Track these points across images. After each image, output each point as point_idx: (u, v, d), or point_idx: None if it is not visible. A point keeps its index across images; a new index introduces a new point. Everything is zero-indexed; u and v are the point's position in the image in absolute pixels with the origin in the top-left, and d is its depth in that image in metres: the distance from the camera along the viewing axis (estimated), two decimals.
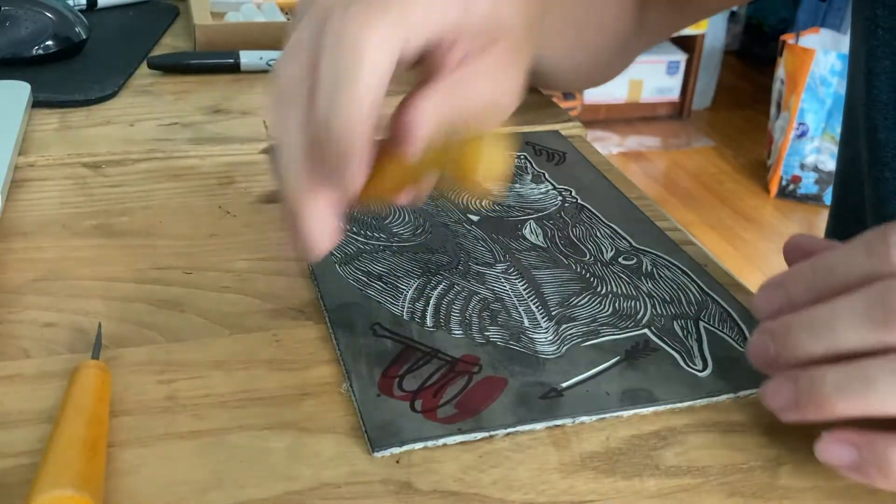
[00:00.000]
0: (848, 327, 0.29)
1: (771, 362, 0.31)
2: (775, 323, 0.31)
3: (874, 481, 0.29)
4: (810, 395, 0.29)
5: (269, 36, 0.68)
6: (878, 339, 0.28)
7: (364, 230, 0.43)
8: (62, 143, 0.51)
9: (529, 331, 0.37)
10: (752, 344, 0.32)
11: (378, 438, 0.30)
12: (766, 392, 0.31)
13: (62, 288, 0.38)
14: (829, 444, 0.29)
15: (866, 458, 0.28)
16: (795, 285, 0.32)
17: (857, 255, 0.30)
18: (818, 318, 0.30)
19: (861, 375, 0.28)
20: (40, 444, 0.29)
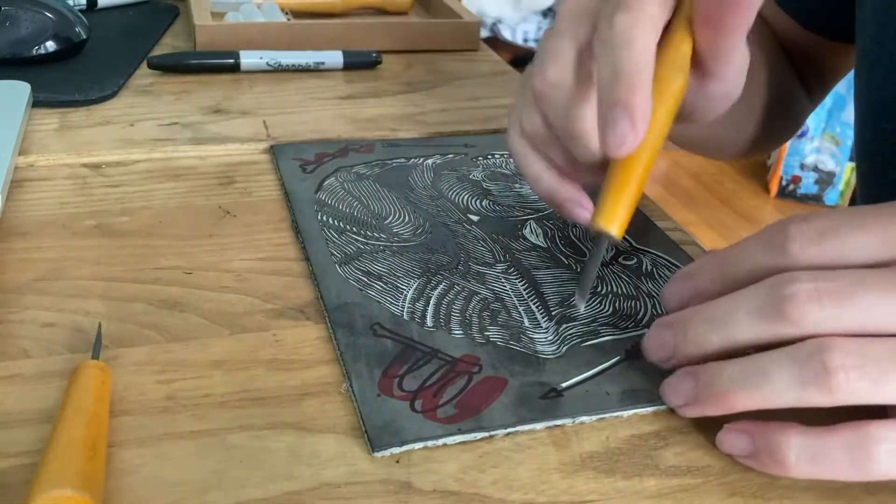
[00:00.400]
0: (743, 321, 0.29)
1: (669, 357, 0.32)
2: (673, 317, 0.32)
3: (768, 468, 0.29)
4: (710, 389, 0.30)
5: (269, 36, 0.68)
6: (772, 331, 0.29)
7: (364, 230, 0.43)
8: (62, 143, 0.51)
9: (529, 331, 0.37)
10: (650, 337, 0.33)
11: (378, 438, 0.30)
12: (667, 388, 0.32)
13: (62, 288, 0.38)
14: (727, 434, 0.30)
15: (759, 446, 0.29)
16: (703, 278, 0.33)
17: (758, 246, 0.31)
18: (716, 312, 0.30)
19: (756, 369, 0.29)
20: (40, 444, 0.29)
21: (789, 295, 0.28)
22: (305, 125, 0.56)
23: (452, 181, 0.49)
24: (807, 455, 0.28)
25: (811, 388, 0.28)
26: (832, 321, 0.28)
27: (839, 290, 0.28)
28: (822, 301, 0.28)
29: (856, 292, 0.28)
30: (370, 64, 0.67)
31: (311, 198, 0.46)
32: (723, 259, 0.32)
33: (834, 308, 0.28)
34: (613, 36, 0.34)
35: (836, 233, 0.29)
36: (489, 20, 2.45)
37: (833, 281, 0.28)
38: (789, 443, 0.28)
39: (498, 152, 0.53)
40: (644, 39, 0.33)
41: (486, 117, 0.59)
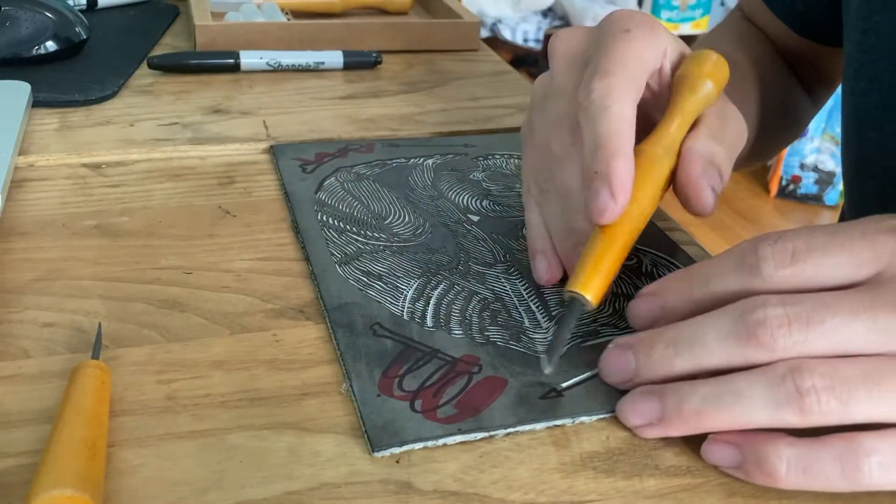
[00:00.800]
0: (712, 345, 0.29)
1: (629, 379, 0.32)
2: (635, 338, 0.32)
3: (755, 479, 0.29)
4: (679, 409, 0.30)
5: (269, 36, 0.68)
6: (742, 355, 0.29)
7: (364, 230, 0.43)
8: (62, 143, 0.51)
9: (530, 331, 0.37)
10: (609, 359, 0.33)
11: (378, 438, 0.30)
12: (626, 407, 0.31)
13: (62, 288, 0.38)
14: (713, 445, 0.30)
15: (748, 457, 0.29)
16: (672, 296, 0.32)
17: (730, 266, 0.31)
18: (683, 335, 0.30)
19: (730, 389, 0.29)
20: (40, 444, 0.29)
21: (760, 320, 0.28)
22: (305, 125, 0.56)
23: (452, 181, 0.49)
24: (797, 466, 0.28)
25: (785, 409, 0.28)
26: (802, 345, 0.28)
27: (808, 314, 0.28)
28: (791, 326, 0.28)
29: (824, 316, 0.28)
30: (370, 64, 0.67)
31: (311, 198, 0.46)
32: (693, 277, 0.32)
33: (802, 332, 0.28)
34: (590, 103, 0.34)
35: (809, 255, 0.29)
36: (489, 20, 2.45)
37: (801, 305, 0.28)
38: (779, 454, 0.28)
39: (498, 152, 0.53)
40: (620, 106, 0.34)
41: (486, 117, 0.59)
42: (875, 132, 0.49)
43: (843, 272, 0.29)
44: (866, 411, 0.27)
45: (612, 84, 0.34)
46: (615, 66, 0.35)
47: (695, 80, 0.38)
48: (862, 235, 0.29)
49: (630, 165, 0.33)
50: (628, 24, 0.37)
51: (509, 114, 0.60)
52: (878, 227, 0.30)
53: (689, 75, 0.38)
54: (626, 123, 0.34)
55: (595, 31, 0.38)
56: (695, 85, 0.38)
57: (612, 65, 0.35)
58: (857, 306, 0.28)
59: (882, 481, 0.27)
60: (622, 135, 0.33)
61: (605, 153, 0.33)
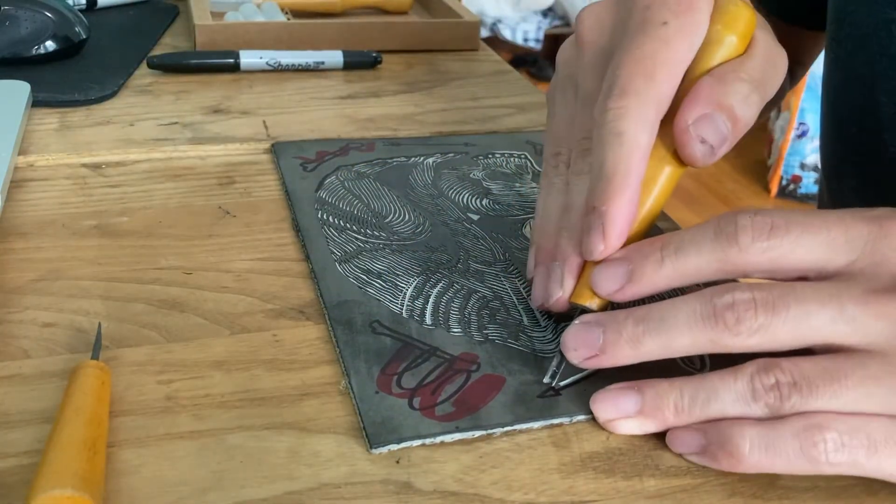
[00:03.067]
0: (683, 326, 0.30)
1: (593, 354, 0.31)
2: (604, 315, 0.32)
3: (721, 464, 0.30)
4: (657, 405, 0.31)
5: (269, 36, 0.68)
6: (709, 337, 0.29)
7: (364, 228, 0.43)
8: (62, 143, 0.51)
9: (528, 329, 0.37)
10: (573, 335, 0.32)
11: (376, 435, 0.30)
12: (605, 402, 0.31)
13: (62, 288, 0.38)
14: (677, 433, 0.30)
15: (711, 439, 0.29)
16: (640, 260, 0.32)
17: (705, 234, 0.31)
18: (653, 314, 0.30)
19: (704, 387, 0.30)
20: (40, 444, 0.29)
21: (728, 303, 0.29)
22: (305, 125, 0.56)
23: (453, 180, 0.49)
24: (759, 444, 0.29)
25: (752, 405, 0.29)
26: (766, 329, 0.29)
27: (774, 300, 0.29)
28: (757, 310, 0.29)
29: (789, 303, 0.28)
30: (370, 64, 0.67)
31: (311, 196, 0.46)
32: (665, 243, 0.31)
33: (768, 317, 0.29)
34: (604, 124, 0.32)
35: (787, 231, 0.29)
36: (489, 20, 2.45)
37: (769, 291, 0.29)
38: (742, 433, 0.29)
39: (498, 151, 0.53)
40: (634, 132, 0.32)
41: (486, 117, 0.59)
42: (854, 125, 0.48)
43: (817, 255, 0.29)
44: (828, 404, 0.28)
45: (630, 107, 0.32)
46: (638, 82, 0.32)
47: (714, 39, 0.34)
48: (839, 221, 0.29)
49: (632, 205, 0.32)
50: (665, 14, 0.33)
51: (509, 114, 0.60)
52: (854, 215, 0.30)
53: (710, 39, 0.34)
54: (638, 153, 0.32)
55: (626, 16, 0.35)
56: (714, 44, 0.34)
57: (635, 79, 0.32)
58: (825, 296, 0.28)
59: (837, 460, 0.28)
60: (630, 169, 0.32)
61: (609, 189, 0.32)
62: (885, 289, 0.28)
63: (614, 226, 0.32)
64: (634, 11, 0.34)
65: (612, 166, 0.32)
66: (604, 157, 0.32)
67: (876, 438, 0.28)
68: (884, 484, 0.30)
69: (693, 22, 0.33)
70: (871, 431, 0.28)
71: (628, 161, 0.32)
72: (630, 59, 0.33)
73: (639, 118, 0.32)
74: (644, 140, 0.32)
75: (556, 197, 0.36)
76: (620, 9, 0.36)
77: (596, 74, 0.36)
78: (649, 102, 0.32)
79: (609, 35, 0.36)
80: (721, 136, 0.33)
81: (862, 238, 0.29)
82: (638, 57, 0.33)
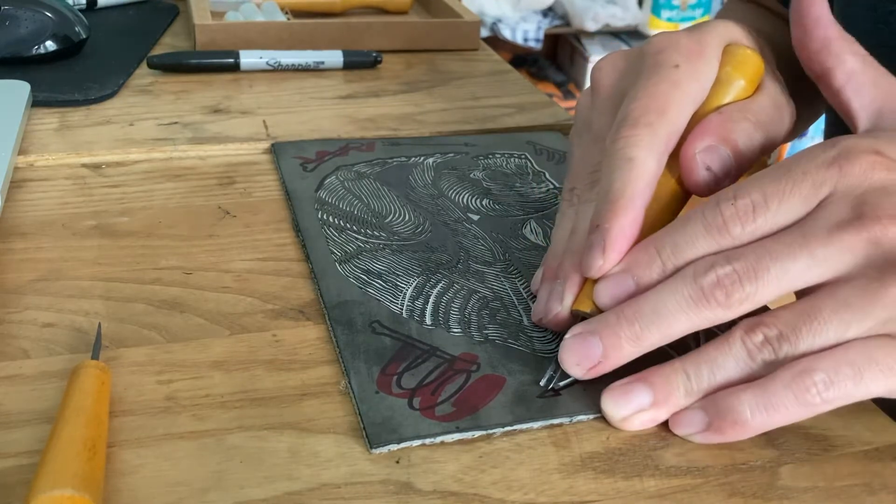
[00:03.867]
0: (676, 314, 0.31)
1: (594, 365, 0.32)
2: (594, 323, 0.32)
3: (727, 434, 0.31)
4: (668, 393, 0.31)
5: (269, 36, 0.68)
6: (703, 316, 0.31)
7: (364, 228, 0.43)
8: (62, 143, 0.51)
9: (528, 329, 0.37)
10: (573, 346, 0.32)
11: (376, 435, 0.30)
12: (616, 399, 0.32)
13: (62, 288, 0.38)
14: (679, 415, 0.31)
15: (714, 414, 0.31)
16: (643, 270, 0.32)
17: (697, 231, 0.32)
18: (644, 308, 0.31)
19: (704, 360, 0.31)
20: (40, 444, 0.29)
21: (713, 281, 0.30)
22: (305, 125, 0.56)
23: (453, 180, 0.49)
24: (758, 406, 0.30)
25: (752, 365, 0.31)
26: (755, 296, 0.30)
27: (753, 266, 0.30)
28: (742, 281, 0.30)
29: (768, 264, 0.30)
30: (370, 63, 0.67)
31: (311, 196, 0.46)
32: (660, 248, 0.32)
33: (753, 284, 0.30)
34: (613, 153, 0.34)
35: (767, 206, 0.31)
36: (489, 19, 2.45)
37: (745, 258, 0.30)
38: (740, 399, 0.30)
39: (498, 151, 0.53)
40: (644, 159, 0.33)
41: (486, 117, 0.59)
42: None
43: (795, 213, 0.31)
44: (814, 343, 0.30)
45: (642, 136, 0.33)
46: (651, 115, 0.34)
47: (723, 80, 0.36)
48: (804, 175, 0.31)
49: (634, 226, 0.33)
50: (676, 58, 0.35)
51: (509, 113, 0.60)
52: (816, 162, 0.31)
53: (719, 79, 0.36)
54: (645, 178, 0.33)
55: (638, 61, 0.37)
56: (723, 85, 0.36)
57: (648, 113, 0.34)
58: (795, 246, 0.30)
59: (830, 397, 0.29)
60: (637, 192, 0.33)
61: (614, 209, 0.33)
62: (845, 221, 0.30)
63: (615, 243, 0.33)
64: (647, 56, 0.36)
65: (619, 188, 0.33)
66: (612, 179, 0.33)
67: (859, 364, 0.29)
68: (883, 483, 0.30)
69: (703, 66, 0.35)
70: (853, 359, 0.29)
71: (635, 184, 0.33)
72: (643, 95, 0.35)
73: (649, 146, 0.33)
74: (652, 167, 0.33)
75: (565, 225, 0.38)
76: (634, 55, 0.38)
77: (608, 114, 0.38)
78: (660, 134, 0.34)
79: (622, 78, 0.38)
80: (725, 167, 0.35)
81: (826, 184, 0.31)
82: (651, 94, 0.34)
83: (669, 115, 0.34)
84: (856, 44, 0.35)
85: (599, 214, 0.33)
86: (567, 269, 0.35)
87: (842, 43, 0.35)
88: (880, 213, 0.30)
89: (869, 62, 0.35)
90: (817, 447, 0.32)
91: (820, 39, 0.35)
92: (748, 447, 0.31)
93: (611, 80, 0.38)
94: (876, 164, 0.30)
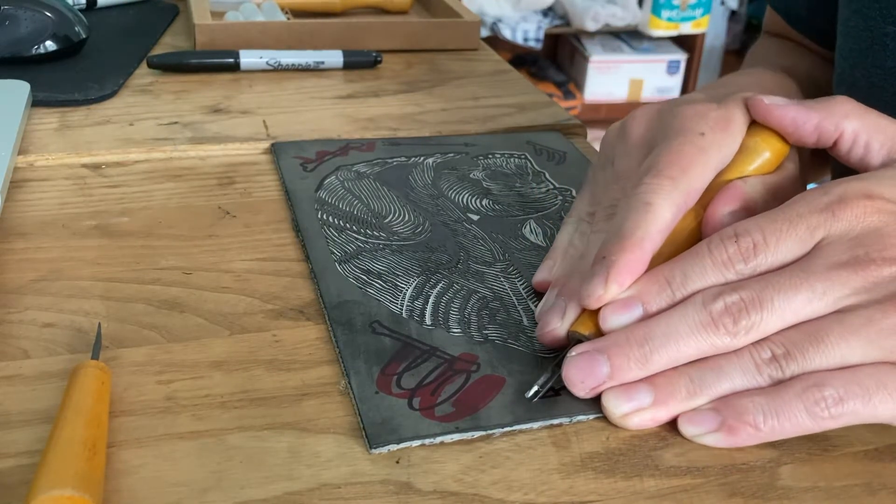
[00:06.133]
0: (686, 338, 0.32)
1: (600, 384, 0.32)
2: (605, 342, 0.33)
3: (739, 437, 0.31)
4: (672, 396, 0.32)
5: (269, 35, 0.68)
6: (710, 342, 0.32)
7: (364, 228, 0.43)
8: (62, 143, 0.51)
9: (528, 329, 0.37)
10: (580, 364, 0.32)
11: (376, 436, 0.30)
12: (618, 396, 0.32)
13: (62, 288, 0.38)
14: (690, 415, 0.32)
15: (728, 416, 0.31)
16: (653, 299, 0.33)
17: (705, 266, 0.33)
18: (654, 332, 0.32)
19: (711, 367, 0.32)
20: (40, 444, 0.29)
21: (721, 309, 0.31)
22: (305, 125, 0.56)
23: (452, 180, 0.49)
24: (770, 412, 0.30)
25: (759, 378, 0.31)
26: (759, 325, 0.31)
27: (758, 296, 0.31)
28: (748, 310, 0.31)
29: (772, 295, 0.31)
30: (370, 63, 0.67)
31: (311, 196, 0.46)
32: (671, 280, 0.33)
33: (758, 313, 0.31)
34: (634, 196, 0.35)
35: (766, 244, 0.32)
36: (489, 19, 2.45)
37: (751, 289, 0.32)
38: (754, 403, 0.31)
39: (498, 151, 0.53)
40: (661, 207, 0.34)
41: (486, 116, 0.59)
42: None
43: (793, 252, 0.32)
44: (821, 363, 0.31)
45: (664, 185, 0.35)
46: (674, 170, 0.35)
47: (751, 149, 0.38)
48: (798, 218, 0.33)
49: (639, 265, 0.33)
50: (703, 126, 0.37)
51: (509, 113, 0.60)
52: (810, 206, 0.33)
53: (743, 147, 0.38)
54: (658, 224, 0.34)
55: (669, 122, 0.38)
56: (749, 154, 0.37)
57: (672, 168, 0.35)
58: (796, 280, 0.31)
59: (838, 412, 0.30)
60: (648, 235, 0.34)
61: (623, 245, 0.34)
62: (842, 263, 0.31)
63: (618, 276, 0.33)
64: (678, 118, 0.38)
65: (631, 227, 0.34)
66: (627, 218, 0.34)
67: (868, 386, 0.30)
68: (883, 483, 0.30)
69: (727, 138, 0.37)
70: (863, 380, 0.30)
71: (648, 226, 0.34)
72: (669, 152, 0.36)
73: (668, 197, 0.35)
74: (668, 216, 0.34)
75: (577, 243, 0.39)
76: (667, 114, 0.39)
77: (633, 159, 0.39)
78: (680, 188, 0.35)
79: (652, 131, 0.40)
80: None
81: (820, 227, 0.32)
82: (677, 152, 0.36)
83: (691, 174, 0.35)
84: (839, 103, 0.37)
85: (608, 247, 0.34)
86: (571, 291, 0.35)
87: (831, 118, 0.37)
88: (874, 255, 0.31)
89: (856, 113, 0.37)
90: (817, 447, 0.32)
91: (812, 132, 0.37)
92: (748, 447, 0.31)
93: (641, 131, 0.40)
94: (868, 208, 0.32)
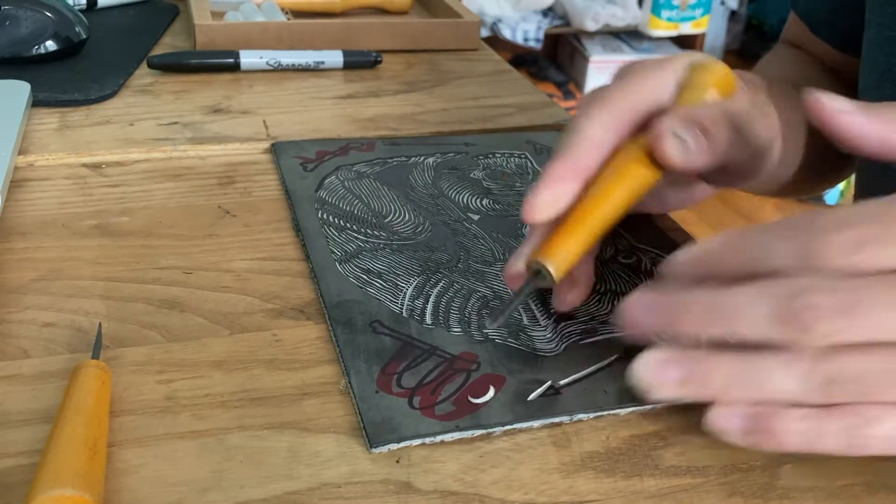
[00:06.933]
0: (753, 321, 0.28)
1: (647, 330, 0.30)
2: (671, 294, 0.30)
3: (763, 447, 0.29)
4: (705, 384, 0.29)
5: (269, 35, 0.68)
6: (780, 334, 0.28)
7: (364, 228, 0.43)
8: (62, 143, 0.51)
9: (528, 328, 0.37)
10: (637, 304, 0.31)
11: (376, 435, 0.30)
12: (646, 368, 0.30)
13: (62, 288, 0.38)
14: (719, 412, 0.29)
15: (760, 427, 0.28)
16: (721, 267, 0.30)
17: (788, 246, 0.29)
18: (723, 304, 0.29)
19: (756, 367, 0.29)
20: (40, 444, 0.29)
21: (806, 305, 0.27)
22: (305, 125, 0.56)
23: (453, 180, 0.49)
24: (810, 437, 0.28)
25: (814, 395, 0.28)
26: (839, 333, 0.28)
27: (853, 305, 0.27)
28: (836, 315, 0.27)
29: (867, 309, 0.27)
30: (370, 63, 0.67)
31: (311, 196, 0.46)
32: (742, 251, 0.30)
33: (846, 320, 0.27)
34: (570, 123, 0.37)
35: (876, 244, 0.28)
36: (489, 19, 2.45)
37: (848, 293, 0.27)
38: (796, 427, 0.28)
39: (498, 151, 0.53)
40: (589, 128, 0.36)
41: (487, 116, 0.59)
42: None
43: None
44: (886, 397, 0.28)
45: (591, 110, 0.37)
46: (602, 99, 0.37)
47: (695, 85, 0.37)
48: None
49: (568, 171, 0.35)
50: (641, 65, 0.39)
51: (509, 113, 0.60)
52: None
53: (690, 84, 0.37)
54: (587, 143, 0.36)
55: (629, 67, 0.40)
56: (695, 90, 0.37)
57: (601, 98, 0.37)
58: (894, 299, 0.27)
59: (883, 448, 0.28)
60: (573, 146, 0.35)
61: (553, 160, 0.35)
62: None
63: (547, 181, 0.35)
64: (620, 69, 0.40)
65: (562, 146, 0.36)
66: (560, 143, 0.36)
67: None
68: (884, 483, 0.30)
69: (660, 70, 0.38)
70: None
71: (572, 141, 0.36)
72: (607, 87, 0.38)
73: (594, 117, 0.36)
74: (595, 133, 0.36)
75: None
76: None
77: None
78: (610, 109, 0.37)
79: None
80: (695, 138, 0.35)
81: None
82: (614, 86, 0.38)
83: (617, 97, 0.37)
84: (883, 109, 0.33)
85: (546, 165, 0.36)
86: None
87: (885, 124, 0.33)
88: None
89: None
90: None
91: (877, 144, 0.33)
92: None
93: None
94: None
